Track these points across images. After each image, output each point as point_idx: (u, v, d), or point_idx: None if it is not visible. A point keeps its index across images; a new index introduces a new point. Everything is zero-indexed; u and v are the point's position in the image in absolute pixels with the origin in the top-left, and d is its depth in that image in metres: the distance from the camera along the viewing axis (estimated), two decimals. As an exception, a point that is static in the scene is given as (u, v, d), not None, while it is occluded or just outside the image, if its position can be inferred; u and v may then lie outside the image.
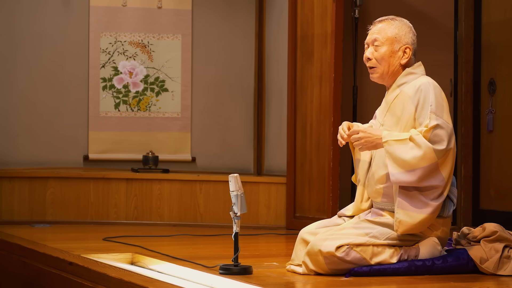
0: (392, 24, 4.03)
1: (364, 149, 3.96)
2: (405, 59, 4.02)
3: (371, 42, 4.04)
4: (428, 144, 3.78)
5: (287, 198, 6.48)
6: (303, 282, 3.75)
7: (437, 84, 3.97)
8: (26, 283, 4.94)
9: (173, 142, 7.22)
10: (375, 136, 3.90)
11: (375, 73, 4.04)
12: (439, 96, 3.89)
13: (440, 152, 3.79)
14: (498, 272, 3.91)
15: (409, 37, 4.03)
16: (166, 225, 6.60)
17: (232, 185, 3.87)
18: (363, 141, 3.92)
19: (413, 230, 3.84)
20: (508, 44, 6.06)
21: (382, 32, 4.02)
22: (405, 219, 3.81)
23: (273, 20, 7.22)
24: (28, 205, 6.61)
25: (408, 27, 4.05)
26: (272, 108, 7.19)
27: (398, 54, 4.02)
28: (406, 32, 4.02)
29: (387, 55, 4.01)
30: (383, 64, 4.02)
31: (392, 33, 4.01)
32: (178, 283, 3.75)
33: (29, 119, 6.97)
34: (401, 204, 3.83)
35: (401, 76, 4.01)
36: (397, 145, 3.82)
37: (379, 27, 4.04)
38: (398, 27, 4.02)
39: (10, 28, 6.95)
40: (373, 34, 4.04)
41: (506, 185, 6.01)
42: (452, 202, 3.94)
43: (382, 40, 4.01)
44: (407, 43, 4.02)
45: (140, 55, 7.18)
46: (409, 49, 4.01)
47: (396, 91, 4.00)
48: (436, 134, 3.80)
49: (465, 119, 6.33)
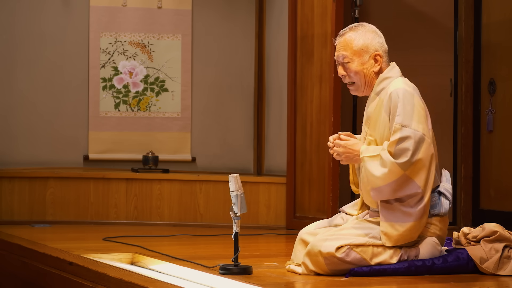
0: (355, 35, 3.97)
1: (345, 163, 4.00)
2: (377, 66, 3.98)
3: (340, 60, 4.00)
4: (391, 160, 3.78)
5: (287, 198, 6.48)
6: (303, 282, 3.75)
7: (411, 84, 3.91)
8: (26, 283, 4.95)
9: (173, 142, 7.22)
10: (354, 152, 3.94)
11: (354, 88, 4.03)
12: (408, 102, 3.84)
13: (405, 165, 3.78)
14: (498, 272, 3.91)
15: (376, 42, 3.98)
16: (166, 225, 6.60)
17: (232, 185, 3.87)
18: (343, 156, 3.97)
19: (402, 240, 3.84)
20: (508, 44, 6.06)
21: (347, 48, 3.97)
22: (390, 231, 3.83)
23: (273, 20, 7.22)
24: (28, 205, 6.61)
25: (371, 32, 3.99)
26: (272, 108, 7.19)
27: (370, 63, 3.98)
28: (371, 38, 3.97)
29: (359, 69, 3.97)
30: (357, 77, 3.98)
31: (357, 45, 3.96)
32: (178, 283, 3.75)
33: (29, 119, 6.97)
34: (384, 217, 3.85)
35: (377, 84, 3.98)
36: (370, 162, 3.85)
37: (343, 42, 3.98)
38: (362, 36, 3.97)
39: (10, 28, 6.95)
40: (340, 51, 3.99)
41: (506, 185, 6.01)
42: (448, 199, 3.94)
43: (349, 56, 3.97)
44: (375, 49, 3.97)
45: (140, 55, 7.18)
46: (379, 55, 3.98)
47: (375, 100, 3.98)
48: (399, 148, 3.79)
49: (465, 119, 6.33)
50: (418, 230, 3.85)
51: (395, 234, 3.82)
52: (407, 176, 3.79)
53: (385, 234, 3.83)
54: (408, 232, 3.83)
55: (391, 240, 3.83)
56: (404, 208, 3.82)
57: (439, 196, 3.93)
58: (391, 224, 3.83)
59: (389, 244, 3.84)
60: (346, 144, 3.96)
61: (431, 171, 3.83)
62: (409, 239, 3.85)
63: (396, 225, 3.83)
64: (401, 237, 3.83)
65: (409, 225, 3.82)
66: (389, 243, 3.84)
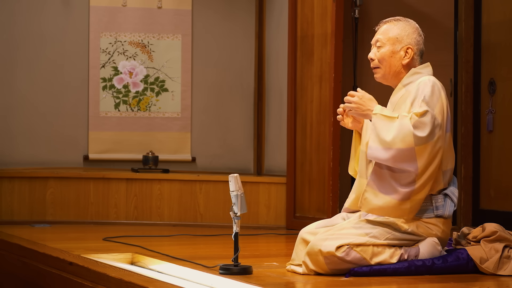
0: (395, 24, 4.05)
1: (353, 114, 3.99)
2: (406, 59, 4.02)
3: (374, 42, 4.08)
4: (410, 128, 3.79)
5: (287, 198, 6.48)
6: (303, 282, 3.75)
7: (441, 84, 3.96)
8: (26, 283, 4.95)
9: (173, 142, 7.22)
10: (367, 106, 3.94)
11: (377, 74, 4.07)
12: (437, 92, 3.89)
13: (419, 139, 3.79)
14: (498, 272, 3.91)
15: (413, 38, 4.03)
16: (166, 225, 6.60)
17: (232, 185, 3.87)
18: (355, 106, 3.95)
19: (376, 211, 3.86)
20: (508, 44, 6.06)
21: (384, 33, 4.04)
22: (371, 198, 3.85)
23: (273, 20, 7.22)
24: (28, 205, 6.61)
25: (412, 28, 4.06)
26: (272, 108, 7.19)
27: (400, 54, 4.02)
28: (409, 32, 4.03)
29: (387, 55, 4.02)
30: (384, 64, 4.03)
31: (393, 33, 4.03)
32: (178, 283, 3.75)
33: (29, 119, 6.97)
34: (371, 182, 3.87)
35: (407, 76, 4.02)
36: (384, 121, 3.85)
37: (383, 28, 4.07)
38: (401, 27, 4.04)
39: (10, 28, 6.95)
40: (377, 35, 4.07)
41: (506, 185, 6.01)
42: (453, 202, 3.94)
43: (383, 40, 4.03)
44: (409, 43, 4.02)
45: (140, 55, 7.18)
46: (411, 49, 4.02)
47: (401, 91, 4.01)
48: (421, 121, 3.81)
49: (465, 119, 6.33)
50: (396, 212, 3.84)
51: (374, 203, 3.84)
52: (413, 151, 3.79)
53: (365, 199, 3.86)
54: (387, 208, 3.83)
55: (367, 206, 3.86)
56: (393, 182, 3.83)
57: (445, 198, 3.94)
58: (375, 193, 3.85)
59: (364, 209, 3.88)
60: (363, 95, 3.97)
61: (434, 162, 3.83)
62: (384, 214, 3.86)
63: (379, 195, 3.84)
64: (379, 209, 3.84)
65: (392, 201, 3.82)
66: (364, 208, 3.88)
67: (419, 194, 3.84)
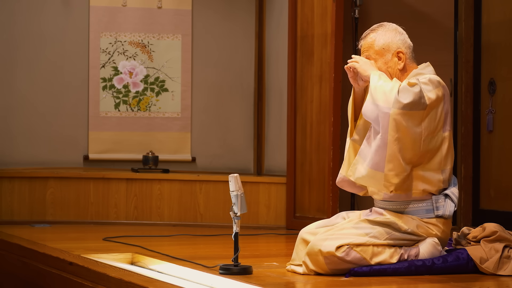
0: (375, 35, 4.02)
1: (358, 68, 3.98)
2: (401, 63, 4.02)
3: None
4: (396, 90, 3.80)
5: (287, 198, 6.48)
6: (303, 282, 3.75)
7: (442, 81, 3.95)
8: (26, 283, 4.95)
9: (173, 142, 7.22)
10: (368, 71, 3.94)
11: None
12: (435, 83, 3.88)
13: (397, 103, 3.78)
14: (498, 272, 3.91)
15: (397, 40, 4.01)
16: (166, 225, 6.60)
17: (232, 185, 3.87)
18: (360, 65, 3.97)
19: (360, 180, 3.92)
20: (508, 44, 6.06)
21: (370, 49, 4.03)
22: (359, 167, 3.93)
23: (273, 20, 7.22)
24: (28, 205, 6.61)
25: (391, 31, 4.03)
26: (272, 108, 7.19)
27: (394, 61, 4.01)
28: (391, 37, 4.01)
29: (383, 68, 4.01)
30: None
31: (378, 45, 4.01)
32: (178, 283, 3.75)
33: (29, 119, 6.97)
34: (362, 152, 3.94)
35: (408, 77, 3.99)
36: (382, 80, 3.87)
37: (366, 44, 4.05)
38: (382, 36, 4.01)
39: (10, 28, 6.95)
40: (364, 53, 4.06)
41: (506, 185, 6.01)
42: (454, 202, 3.94)
43: (373, 55, 4.02)
44: (397, 47, 4.01)
45: (140, 55, 7.18)
46: (402, 52, 4.01)
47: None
48: (408, 88, 3.81)
49: (465, 119, 6.33)
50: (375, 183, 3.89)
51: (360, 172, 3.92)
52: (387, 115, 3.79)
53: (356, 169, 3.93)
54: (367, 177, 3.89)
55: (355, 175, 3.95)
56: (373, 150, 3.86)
57: (445, 199, 3.93)
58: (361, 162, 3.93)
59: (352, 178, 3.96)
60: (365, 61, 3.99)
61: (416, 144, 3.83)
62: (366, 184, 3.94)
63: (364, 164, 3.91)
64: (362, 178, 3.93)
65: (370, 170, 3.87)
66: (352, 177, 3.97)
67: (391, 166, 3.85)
